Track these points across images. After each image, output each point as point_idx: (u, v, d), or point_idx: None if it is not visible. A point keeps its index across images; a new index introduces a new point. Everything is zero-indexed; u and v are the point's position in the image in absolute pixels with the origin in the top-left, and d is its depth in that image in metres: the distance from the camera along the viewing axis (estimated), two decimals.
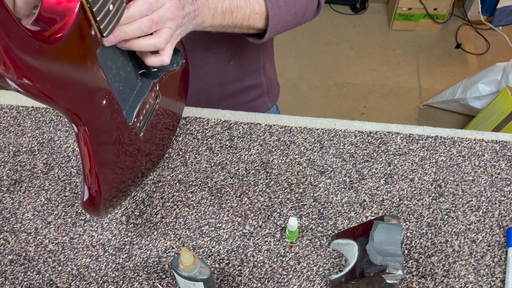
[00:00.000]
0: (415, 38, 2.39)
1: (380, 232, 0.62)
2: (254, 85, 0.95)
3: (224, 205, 0.77)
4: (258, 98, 0.99)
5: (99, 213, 0.62)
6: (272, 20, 0.70)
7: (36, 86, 0.43)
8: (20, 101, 0.90)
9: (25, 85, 0.42)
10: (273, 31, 0.72)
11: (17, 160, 0.82)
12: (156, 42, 0.54)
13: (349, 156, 0.82)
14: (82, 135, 0.54)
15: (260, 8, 0.69)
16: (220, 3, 0.65)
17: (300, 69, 2.27)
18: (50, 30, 0.44)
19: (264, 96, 1.00)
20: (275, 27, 0.72)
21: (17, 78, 0.41)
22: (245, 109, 0.96)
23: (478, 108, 1.84)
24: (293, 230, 0.69)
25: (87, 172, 0.57)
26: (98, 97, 0.54)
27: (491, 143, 0.83)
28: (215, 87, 0.91)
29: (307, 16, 0.77)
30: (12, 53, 0.39)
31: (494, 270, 0.70)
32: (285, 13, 0.71)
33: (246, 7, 0.68)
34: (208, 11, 0.63)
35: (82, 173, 0.59)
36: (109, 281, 0.70)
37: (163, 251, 0.72)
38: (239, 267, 0.71)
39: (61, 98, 0.47)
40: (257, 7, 0.69)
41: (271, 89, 1.01)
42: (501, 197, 0.77)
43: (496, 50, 2.33)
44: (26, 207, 0.77)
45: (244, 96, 0.96)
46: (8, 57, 0.39)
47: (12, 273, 0.70)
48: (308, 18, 0.78)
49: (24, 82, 0.42)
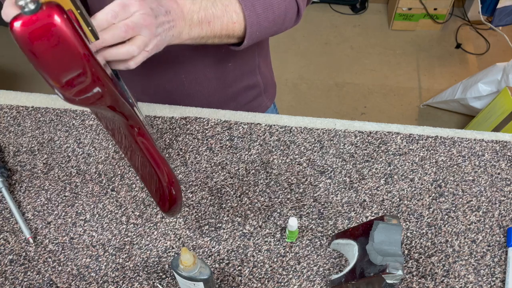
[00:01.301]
0: (415, 38, 2.39)
1: (380, 232, 0.62)
2: (251, 85, 0.96)
3: (224, 205, 0.77)
4: (257, 98, 1.00)
5: (181, 206, 0.63)
6: (250, 28, 0.70)
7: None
8: (20, 101, 0.90)
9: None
10: (252, 39, 0.72)
11: (17, 160, 0.82)
12: (129, 49, 0.54)
13: (349, 156, 0.82)
14: (140, 140, 0.56)
15: (238, 17, 0.69)
16: (196, 13, 0.64)
17: (300, 69, 2.27)
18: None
19: (261, 95, 1.00)
20: (254, 34, 0.71)
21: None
22: (246, 110, 0.96)
23: (478, 108, 1.84)
24: (293, 230, 0.69)
25: (161, 174, 0.57)
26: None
27: (491, 143, 0.83)
28: (216, 91, 0.91)
29: (287, 23, 0.77)
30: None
31: (494, 270, 0.70)
32: (264, 21, 0.71)
33: (223, 16, 0.67)
34: (184, 22, 0.62)
35: (150, 184, 0.60)
36: (109, 281, 0.70)
37: (163, 251, 0.72)
38: (239, 267, 0.71)
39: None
40: (234, 16, 0.68)
41: (267, 88, 1.02)
42: (501, 197, 0.77)
43: (496, 50, 2.33)
44: (26, 207, 0.77)
45: (243, 98, 0.96)
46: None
47: (12, 273, 0.70)
48: (288, 25, 0.78)
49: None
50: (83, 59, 0.43)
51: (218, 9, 0.67)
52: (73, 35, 0.42)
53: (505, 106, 1.61)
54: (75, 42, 0.42)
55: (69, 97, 0.46)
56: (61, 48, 0.42)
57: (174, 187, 0.59)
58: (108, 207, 0.77)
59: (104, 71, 0.46)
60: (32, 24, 0.40)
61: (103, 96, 0.48)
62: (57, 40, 0.41)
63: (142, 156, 0.57)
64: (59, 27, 0.41)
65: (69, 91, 0.45)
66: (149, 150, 0.56)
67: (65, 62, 0.43)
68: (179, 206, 0.61)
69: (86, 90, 0.46)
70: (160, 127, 0.86)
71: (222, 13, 0.67)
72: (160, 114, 0.87)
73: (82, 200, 0.78)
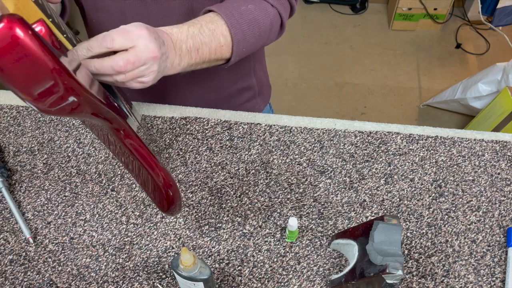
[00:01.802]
0: (415, 38, 2.39)
1: (380, 232, 0.62)
2: (246, 87, 0.96)
3: (224, 205, 0.77)
4: (250, 100, 1.00)
5: (180, 206, 0.63)
6: (236, 45, 0.70)
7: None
8: (20, 101, 0.90)
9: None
10: (238, 55, 0.72)
11: (17, 160, 0.82)
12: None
13: (349, 156, 0.82)
14: (128, 142, 0.55)
15: (225, 39, 0.69)
16: (184, 43, 0.64)
17: (300, 69, 2.27)
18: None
19: (255, 97, 1.01)
20: (240, 51, 0.72)
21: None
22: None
23: (478, 108, 1.84)
24: (293, 230, 0.69)
25: (155, 175, 0.57)
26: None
27: (491, 143, 0.83)
28: (210, 92, 0.91)
29: (272, 36, 0.77)
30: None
31: (494, 270, 0.70)
32: (250, 36, 0.72)
33: (211, 41, 0.67)
34: (174, 52, 0.62)
35: (147, 186, 0.59)
36: (109, 281, 0.70)
37: (163, 251, 0.72)
38: (239, 267, 0.71)
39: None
40: (222, 39, 0.68)
41: (262, 90, 1.02)
42: (501, 197, 0.77)
43: (496, 50, 2.33)
44: (26, 207, 0.77)
45: (237, 99, 0.97)
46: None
47: (12, 273, 0.70)
48: (272, 38, 0.78)
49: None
50: (53, 72, 0.42)
51: (206, 35, 0.66)
52: (39, 49, 0.40)
53: (505, 106, 1.61)
54: (41, 55, 0.40)
55: (44, 109, 0.45)
56: (27, 62, 0.40)
57: (171, 188, 0.58)
58: (108, 207, 0.77)
59: (77, 80, 0.45)
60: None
61: (80, 104, 0.46)
62: (22, 54, 0.39)
63: (133, 158, 0.56)
64: (22, 40, 0.39)
65: (42, 103, 0.44)
66: (139, 151, 0.55)
67: (33, 76, 0.41)
68: (178, 206, 0.61)
69: (60, 101, 0.44)
70: (160, 127, 0.86)
71: (210, 39, 0.67)
72: (160, 114, 0.87)
73: (82, 200, 0.78)
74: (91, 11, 0.79)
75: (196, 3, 0.75)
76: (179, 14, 0.76)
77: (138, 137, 0.56)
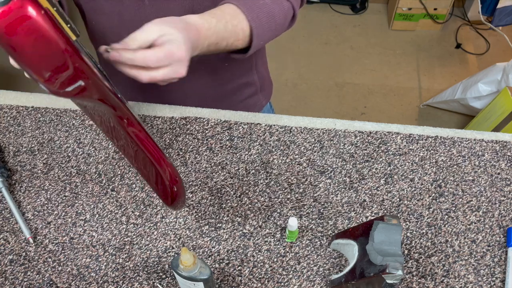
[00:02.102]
0: (415, 38, 2.39)
1: (380, 232, 0.62)
2: (247, 83, 0.96)
3: (224, 205, 0.77)
4: (252, 96, 1.00)
5: (184, 201, 0.63)
6: (256, 39, 0.71)
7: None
8: (20, 101, 0.90)
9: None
10: (255, 48, 0.74)
11: (17, 160, 0.82)
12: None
13: (349, 156, 0.82)
14: (131, 130, 0.55)
15: (244, 34, 0.70)
16: (208, 39, 0.65)
17: (300, 69, 2.27)
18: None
19: (257, 93, 1.01)
20: (258, 45, 0.73)
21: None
22: (240, 108, 0.97)
23: (478, 108, 1.84)
24: (293, 230, 0.69)
25: (159, 166, 0.57)
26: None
27: (491, 143, 0.83)
28: (211, 88, 0.91)
29: (284, 28, 0.79)
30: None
31: (494, 270, 0.70)
32: (267, 30, 0.73)
33: (231, 37, 0.69)
34: (196, 49, 0.64)
35: (150, 179, 0.59)
36: (109, 281, 0.70)
37: (163, 251, 0.72)
38: (239, 267, 0.71)
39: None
40: (240, 34, 0.70)
41: (263, 87, 1.02)
42: (501, 197, 0.77)
43: (496, 50, 2.33)
44: (26, 207, 0.77)
45: (239, 95, 0.97)
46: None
47: (12, 273, 0.70)
48: (284, 30, 0.79)
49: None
50: (65, 53, 0.43)
51: (228, 31, 0.68)
52: (51, 28, 0.41)
53: (505, 106, 1.61)
54: (54, 35, 0.41)
55: (54, 90, 0.46)
56: (40, 42, 0.41)
57: (176, 184, 0.58)
58: (108, 207, 0.77)
59: (87, 63, 0.46)
60: (5, 17, 0.39)
61: (88, 87, 0.47)
62: (34, 33, 0.40)
63: (137, 148, 0.56)
64: (34, 19, 0.39)
65: (52, 84, 0.45)
66: (143, 141, 0.56)
67: (45, 56, 0.42)
68: (182, 201, 0.61)
69: (70, 83, 0.45)
70: (160, 127, 0.86)
71: (230, 35, 0.68)
72: (160, 114, 0.87)
73: (82, 200, 0.78)
74: (90, 13, 0.79)
75: (197, 3, 0.75)
76: (179, 15, 0.76)
77: (143, 127, 0.56)
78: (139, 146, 0.56)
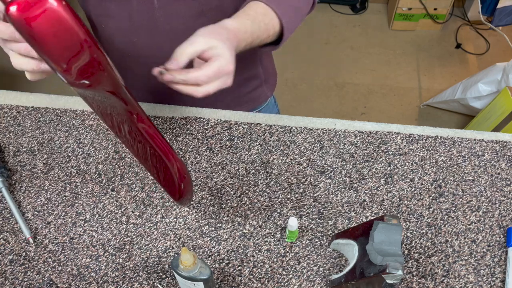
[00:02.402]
0: (415, 38, 2.39)
1: (380, 232, 0.62)
2: (252, 76, 0.97)
3: (224, 205, 0.77)
4: (257, 89, 1.01)
5: (191, 197, 0.64)
6: (286, 33, 0.74)
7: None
8: (20, 101, 0.90)
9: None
10: (285, 41, 0.76)
11: (17, 160, 0.82)
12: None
13: (349, 156, 0.82)
14: (141, 126, 0.56)
15: (274, 30, 0.73)
16: (244, 42, 0.69)
17: (300, 69, 2.27)
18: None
19: (262, 85, 1.02)
20: (287, 37, 0.76)
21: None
22: (246, 100, 0.97)
23: (478, 108, 1.84)
24: (293, 230, 0.69)
25: (171, 165, 0.58)
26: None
27: (491, 143, 0.83)
28: None
29: (306, 16, 0.81)
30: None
31: (494, 270, 0.70)
32: (295, 23, 0.76)
33: (263, 35, 0.72)
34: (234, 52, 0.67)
35: (159, 175, 0.60)
36: (109, 281, 0.70)
37: (163, 251, 0.72)
38: (239, 267, 0.71)
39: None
40: (271, 31, 0.72)
41: (268, 79, 1.04)
42: (501, 197, 0.77)
43: (496, 50, 2.33)
44: (26, 207, 0.77)
45: (244, 88, 0.97)
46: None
47: (12, 273, 0.70)
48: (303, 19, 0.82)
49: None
50: (84, 44, 0.44)
51: (262, 30, 0.71)
52: (72, 19, 0.42)
53: (505, 106, 1.61)
54: (74, 25, 0.42)
55: (71, 80, 0.47)
56: (59, 31, 0.42)
57: (183, 181, 0.59)
58: (108, 207, 0.77)
59: (104, 55, 0.47)
60: (28, 7, 0.39)
61: (103, 79, 0.48)
62: (56, 23, 0.41)
63: (146, 143, 0.57)
64: (56, 9, 0.40)
65: (69, 75, 0.46)
66: (152, 137, 0.56)
67: (65, 46, 0.43)
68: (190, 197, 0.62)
69: (87, 74, 0.46)
70: (160, 127, 0.86)
71: (263, 33, 0.71)
72: (160, 114, 0.87)
73: (82, 200, 0.78)
74: (99, 17, 0.78)
75: (205, 5, 0.75)
76: (188, 17, 0.76)
77: (152, 123, 0.57)
78: (149, 141, 0.56)
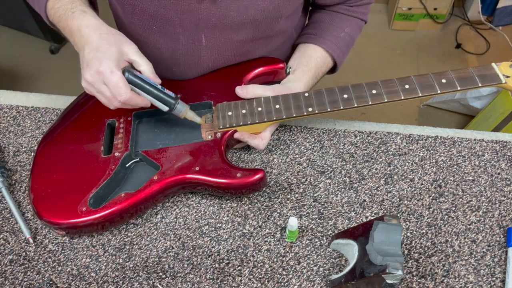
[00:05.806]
0: (415, 38, 2.39)
1: (380, 232, 0.61)
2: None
3: (224, 205, 0.77)
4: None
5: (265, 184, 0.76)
6: (339, 66, 0.90)
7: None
8: (20, 101, 0.90)
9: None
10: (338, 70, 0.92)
11: (17, 160, 0.82)
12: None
13: (349, 156, 0.82)
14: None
15: (328, 66, 0.88)
16: (312, 80, 0.84)
17: None
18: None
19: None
20: (340, 67, 0.91)
21: None
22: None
23: (478, 108, 1.84)
24: (293, 230, 0.69)
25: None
26: None
27: (491, 143, 0.83)
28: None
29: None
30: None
31: (494, 270, 0.70)
32: (347, 53, 0.89)
33: (319, 76, 0.87)
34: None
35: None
36: (109, 281, 0.70)
37: (163, 251, 0.72)
38: (239, 267, 0.71)
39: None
40: (325, 70, 0.87)
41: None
42: (501, 197, 0.77)
43: (496, 50, 2.33)
44: (26, 207, 0.77)
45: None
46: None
47: (12, 273, 0.70)
48: None
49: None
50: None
51: (320, 75, 0.86)
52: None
53: (505, 106, 1.61)
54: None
55: None
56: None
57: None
58: None
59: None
60: None
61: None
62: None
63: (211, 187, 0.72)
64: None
65: None
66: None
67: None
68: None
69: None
70: None
71: (321, 75, 0.86)
72: None
73: None
74: (142, 46, 0.74)
75: (247, 44, 0.79)
76: (231, 56, 0.81)
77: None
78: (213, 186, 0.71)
